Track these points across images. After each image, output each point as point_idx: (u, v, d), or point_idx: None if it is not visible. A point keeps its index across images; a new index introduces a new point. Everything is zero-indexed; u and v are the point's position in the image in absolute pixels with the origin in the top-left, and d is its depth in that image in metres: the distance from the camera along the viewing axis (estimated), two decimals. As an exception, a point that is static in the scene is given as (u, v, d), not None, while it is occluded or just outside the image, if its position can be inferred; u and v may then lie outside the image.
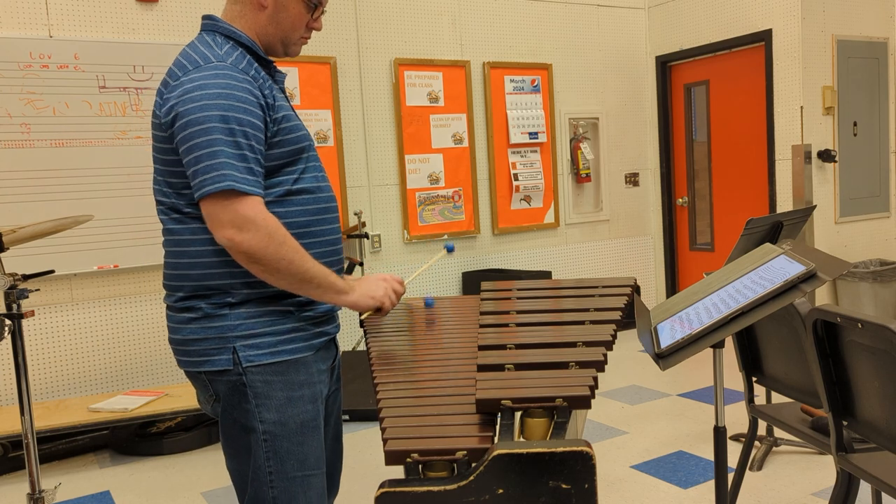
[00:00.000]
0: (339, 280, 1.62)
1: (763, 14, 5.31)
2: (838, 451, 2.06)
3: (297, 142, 1.62)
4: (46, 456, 3.89)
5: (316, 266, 1.56)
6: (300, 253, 1.53)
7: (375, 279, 1.71)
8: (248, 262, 1.50)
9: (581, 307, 1.88)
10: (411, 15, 5.22)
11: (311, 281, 1.55)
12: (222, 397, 1.62)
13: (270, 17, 1.65)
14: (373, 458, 3.71)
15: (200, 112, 1.48)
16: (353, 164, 5.03)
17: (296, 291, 1.57)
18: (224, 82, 1.51)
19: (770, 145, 5.36)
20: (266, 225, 1.49)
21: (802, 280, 1.52)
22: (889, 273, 5.05)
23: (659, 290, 6.44)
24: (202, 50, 1.57)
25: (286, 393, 1.59)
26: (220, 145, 1.48)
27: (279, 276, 1.52)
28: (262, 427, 1.58)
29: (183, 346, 1.62)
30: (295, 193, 1.62)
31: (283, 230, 1.52)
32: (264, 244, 1.48)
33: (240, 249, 1.48)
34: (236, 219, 1.47)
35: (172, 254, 1.62)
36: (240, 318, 1.58)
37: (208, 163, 1.47)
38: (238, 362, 1.57)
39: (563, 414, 1.27)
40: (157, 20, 4.39)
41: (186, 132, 1.49)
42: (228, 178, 1.47)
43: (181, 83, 1.52)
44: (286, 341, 1.60)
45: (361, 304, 1.66)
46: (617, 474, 3.31)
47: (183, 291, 1.61)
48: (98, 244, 4.18)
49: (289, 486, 1.60)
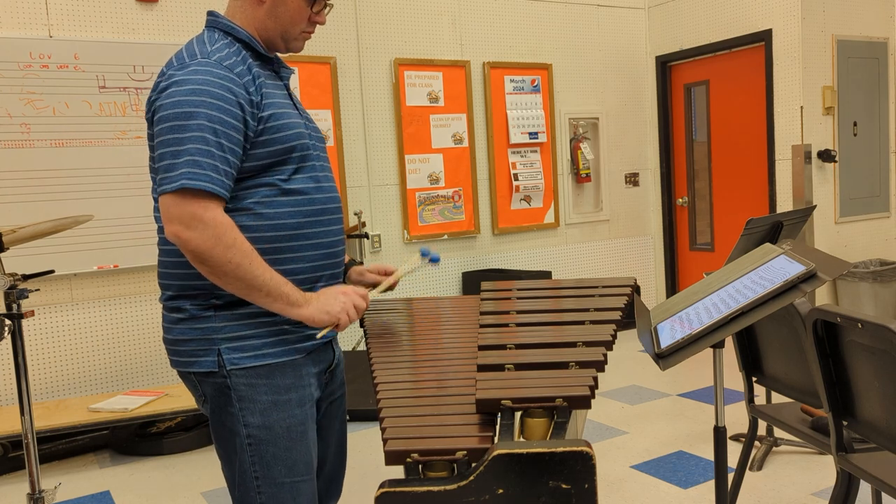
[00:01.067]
0: (295, 292, 1.53)
1: (763, 14, 5.31)
2: (838, 451, 2.06)
3: (286, 141, 1.58)
4: (46, 456, 3.89)
5: (268, 274, 1.50)
6: (250, 258, 1.48)
7: (335, 292, 1.60)
8: (195, 261, 1.47)
9: (581, 307, 1.88)
10: (411, 15, 5.22)
11: (259, 289, 1.49)
12: (209, 399, 1.61)
13: (269, 12, 1.63)
14: (373, 458, 3.71)
15: (173, 108, 1.48)
16: (353, 164, 5.03)
17: (245, 298, 1.51)
18: (201, 78, 1.49)
19: (770, 145, 5.36)
20: (215, 225, 1.45)
21: (802, 280, 1.52)
22: (889, 273, 5.05)
23: (659, 290, 6.44)
24: (193, 47, 1.57)
25: (271, 397, 1.57)
26: (187, 143, 1.46)
27: (226, 279, 1.48)
28: (245, 431, 1.56)
29: (173, 345, 1.61)
30: (287, 194, 1.59)
31: (234, 234, 1.47)
32: (210, 245, 1.44)
33: (186, 247, 1.46)
34: (184, 216, 1.45)
35: (163, 252, 1.61)
36: (224, 319, 1.56)
37: (171, 161, 1.46)
38: (223, 364, 1.55)
39: (563, 414, 1.27)
40: (157, 20, 4.39)
41: (158, 127, 1.50)
42: (185, 175, 1.44)
43: (166, 78, 1.53)
44: (271, 344, 1.58)
45: (315, 319, 1.55)
46: (617, 474, 3.31)
47: (171, 290, 1.60)
48: (98, 244, 4.18)
49: (277, 493, 1.58)
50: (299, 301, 1.53)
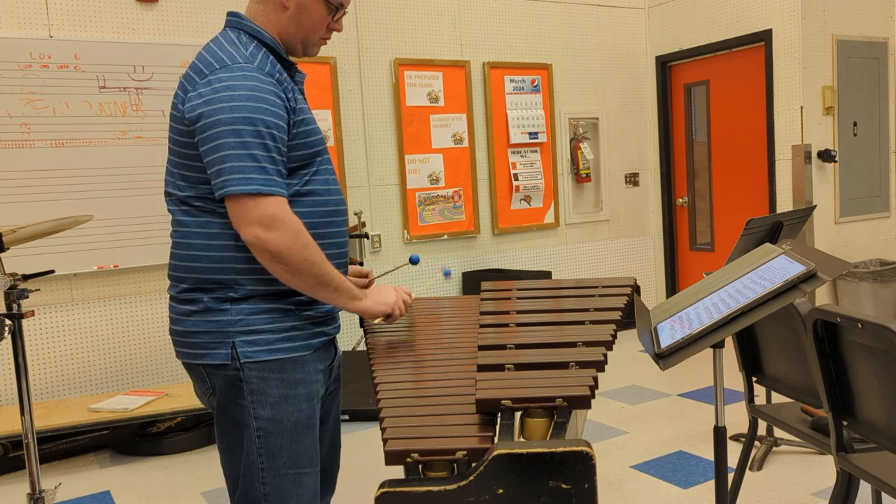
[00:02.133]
0: (354, 287, 1.65)
1: (763, 14, 5.31)
2: (838, 451, 2.06)
3: (314, 145, 1.64)
4: (46, 456, 3.89)
5: (334, 270, 1.59)
6: (321, 256, 1.56)
7: (387, 288, 1.76)
8: (273, 261, 1.51)
9: (581, 307, 1.88)
10: (411, 15, 5.22)
11: (329, 284, 1.57)
12: (218, 391, 1.63)
13: (292, 18, 1.66)
14: (373, 458, 3.71)
15: (230, 113, 1.50)
16: (353, 164, 5.03)
17: (312, 294, 1.58)
18: (252, 84, 1.53)
19: (770, 145, 5.36)
20: (293, 224, 1.52)
21: (802, 280, 1.52)
22: (889, 273, 5.05)
23: (659, 290, 6.45)
24: (228, 49, 1.58)
25: (282, 391, 1.60)
26: (249, 148, 1.50)
27: (301, 277, 1.54)
28: (255, 423, 1.59)
29: (183, 337, 1.63)
30: (303, 195, 1.63)
31: (307, 233, 1.54)
32: (290, 243, 1.50)
33: (266, 248, 1.50)
34: (264, 217, 1.49)
35: (179, 245, 1.63)
36: (241, 313, 1.59)
37: (236, 164, 1.49)
38: (236, 357, 1.58)
39: (563, 414, 1.27)
40: (157, 20, 4.39)
41: (214, 131, 1.50)
42: (257, 181, 1.49)
43: (209, 82, 1.54)
44: (285, 339, 1.61)
45: (374, 310, 1.69)
46: (617, 474, 3.31)
47: (187, 283, 1.62)
48: (98, 244, 4.18)
49: (280, 483, 1.61)
50: (359, 295, 1.66)
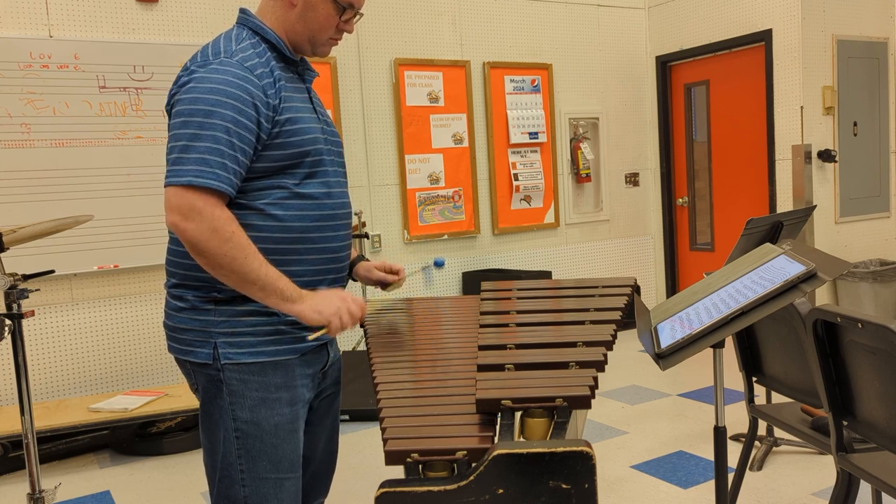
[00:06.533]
0: (290, 287, 1.55)
1: (763, 14, 5.31)
2: (838, 451, 2.06)
3: (301, 145, 1.62)
4: (46, 456, 3.89)
5: (263, 269, 1.52)
6: (246, 252, 1.50)
7: (332, 295, 1.60)
8: (193, 252, 1.51)
9: (581, 307, 1.87)
10: (411, 15, 5.21)
11: (254, 282, 1.52)
12: (202, 389, 1.65)
13: (299, 16, 1.66)
14: (373, 458, 3.71)
15: (190, 105, 1.52)
16: (353, 164, 5.03)
17: (240, 291, 1.54)
18: (220, 78, 1.53)
19: (770, 145, 5.36)
20: (213, 218, 1.49)
21: (802, 280, 1.52)
22: (889, 273, 5.05)
23: (659, 290, 6.44)
24: (220, 44, 1.61)
25: (261, 394, 1.60)
26: (199, 140, 1.50)
27: (221, 271, 1.51)
28: (234, 425, 1.60)
29: (173, 332, 1.66)
30: (297, 198, 1.62)
31: (231, 228, 1.50)
32: (206, 236, 1.48)
33: (183, 237, 1.50)
34: (183, 206, 1.48)
35: (171, 240, 1.66)
36: (224, 314, 1.59)
37: (180, 155, 1.51)
38: (217, 358, 1.59)
39: (563, 414, 1.27)
40: (157, 20, 4.39)
41: (174, 121, 1.54)
42: (193, 172, 1.49)
43: (188, 73, 1.57)
44: (267, 342, 1.61)
45: (306, 316, 1.56)
46: (617, 474, 3.31)
47: (175, 279, 1.64)
48: (98, 244, 4.18)
49: (260, 487, 1.61)
50: (293, 297, 1.55)
